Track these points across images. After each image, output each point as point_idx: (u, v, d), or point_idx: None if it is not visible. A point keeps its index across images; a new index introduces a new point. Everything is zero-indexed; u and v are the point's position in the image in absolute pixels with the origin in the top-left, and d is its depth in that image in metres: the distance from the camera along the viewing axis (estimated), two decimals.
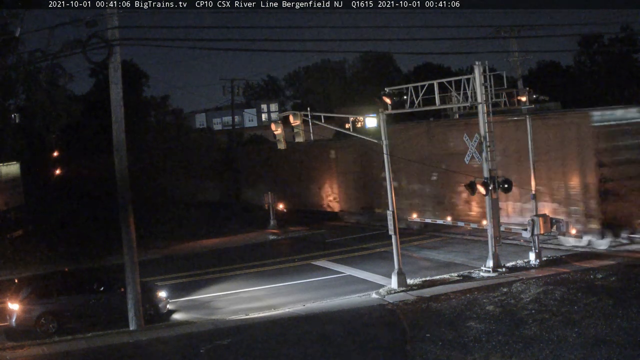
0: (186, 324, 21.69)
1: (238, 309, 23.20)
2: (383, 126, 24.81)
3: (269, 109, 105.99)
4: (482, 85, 24.91)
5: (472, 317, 19.13)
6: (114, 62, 20.84)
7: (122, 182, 21.31)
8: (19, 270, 32.38)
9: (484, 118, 25.03)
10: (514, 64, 43.08)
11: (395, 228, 24.40)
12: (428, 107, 26.51)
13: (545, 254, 26.72)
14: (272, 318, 21.38)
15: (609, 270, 23.19)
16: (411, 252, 30.81)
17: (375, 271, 27.27)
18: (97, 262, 32.98)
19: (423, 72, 69.08)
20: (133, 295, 21.15)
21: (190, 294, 26.05)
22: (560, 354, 15.47)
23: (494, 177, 24.96)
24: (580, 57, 61.65)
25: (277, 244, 37.97)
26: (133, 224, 21.40)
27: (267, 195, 42.03)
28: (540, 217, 25.99)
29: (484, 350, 16.21)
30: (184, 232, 40.88)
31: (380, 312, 21.16)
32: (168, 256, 35.40)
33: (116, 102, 21.09)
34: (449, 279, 24.89)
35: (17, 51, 29.23)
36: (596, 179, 27.25)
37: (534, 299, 20.21)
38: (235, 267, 30.98)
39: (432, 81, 25.72)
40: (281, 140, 25.60)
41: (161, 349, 18.90)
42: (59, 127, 44.35)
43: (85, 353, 18.96)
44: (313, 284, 26.48)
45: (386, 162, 24.93)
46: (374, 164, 37.28)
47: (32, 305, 21.66)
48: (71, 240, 38.48)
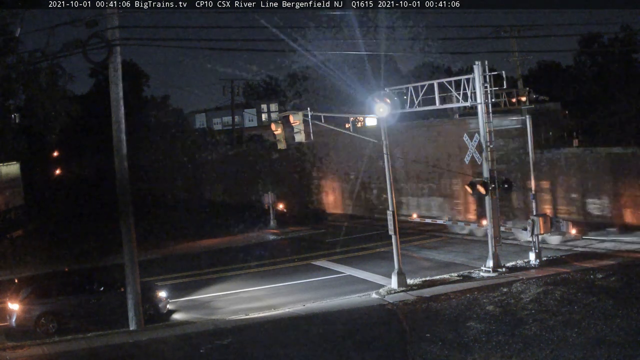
0: (186, 324, 21.69)
1: (238, 309, 23.20)
2: (383, 126, 24.81)
3: (269, 109, 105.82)
4: (482, 85, 24.90)
5: (472, 317, 19.13)
6: (114, 62, 20.84)
7: (122, 182, 21.29)
8: (19, 270, 32.38)
9: (484, 118, 25.03)
10: (514, 64, 43.06)
11: (396, 228, 24.40)
12: (428, 107, 26.51)
13: (545, 254, 26.75)
14: (272, 318, 21.38)
15: (609, 270, 23.20)
16: (411, 252, 30.82)
17: (375, 271, 27.27)
18: (97, 262, 32.99)
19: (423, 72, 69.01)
20: (133, 295, 21.14)
21: (190, 294, 26.04)
22: (560, 354, 15.47)
23: (494, 177, 24.96)
24: (580, 57, 61.56)
25: (277, 244, 37.97)
26: (133, 223, 21.39)
27: (267, 195, 42.01)
28: (540, 217, 26.01)
29: (484, 350, 16.20)
30: (184, 232, 40.89)
31: (380, 312, 21.15)
32: (168, 256, 35.40)
33: (116, 102, 21.08)
34: (449, 279, 24.89)
35: (17, 51, 29.18)
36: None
37: (534, 299, 20.21)
38: (235, 267, 30.97)
39: (432, 81, 25.72)
40: (281, 140, 25.60)
41: (161, 349, 18.89)
42: (59, 127, 44.29)
43: (85, 353, 18.94)
44: (313, 284, 26.48)
45: (386, 162, 24.92)
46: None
47: (32, 305, 21.66)
48: (71, 240, 38.51)
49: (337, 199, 48.25)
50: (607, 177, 33.12)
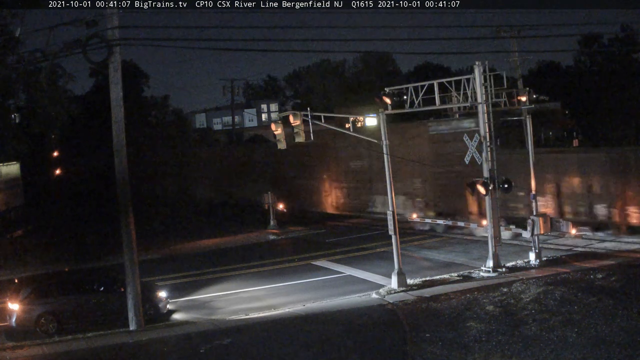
0: (186, 324, 21.68)
1: (238, 309, 23.19)
2: (383, 126, 24.80)
3: (269, 109, 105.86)
4: (482, 85, 24.90)
5: (472, 317, 19.13)
6: (114, 62, 20.83)
7: (122, 182, 21.28)
8: (19, 270, 32.37)
9: (484, 118, 25.03)
10: (514, 64, 43.02)
11: (395, 228, 24.39)
12: (428, 107, 26.52)
13: (545, 254, 26.75)
14: (272, 318, 21.37)
15: (609, 270, 23.20)
16: (411, 252, 30.81)
17: (375, 271, 27.26)
18: (97, 262, 32.99)
19: (423, 72, 69.12)
20: (133, 295, 21.13)
21: (190, 294, 26.03)
22: (560, 354, 15.48)
23: (494, 177, 24.96)
24: (580, 57, 61.59)
25: (277, 244, 37.96)
26: (133, 223, 21.38)
27: (267, 195, 42.00)
28: (540, 217, 26.00)
29: (484, 350, 16.20)
30: (184, 232, 40.89)
31: (380, 312, 21.15)
32: (168, 256, 35.38)
33: (116, 102, 21.07)
34: (449, 279, 24.89)
35: (17, 51, 29.20)
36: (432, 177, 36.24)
37: (534, 299, 20.21)
38: (235, 267, 30.96)
39: (432, 81, 25.73)
40: (281, 140, 25.59)
41: (161, 349, 18.88)
42: (59, 127, 44.34)
43: (85, 353, 18.96)
44: (313, 284, 26.47)
45: (386, 162, 24.92)
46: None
47: (32, 305, 21.63)
48: (71, 240, 38.52)
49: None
50: (549, 176, 33.75)
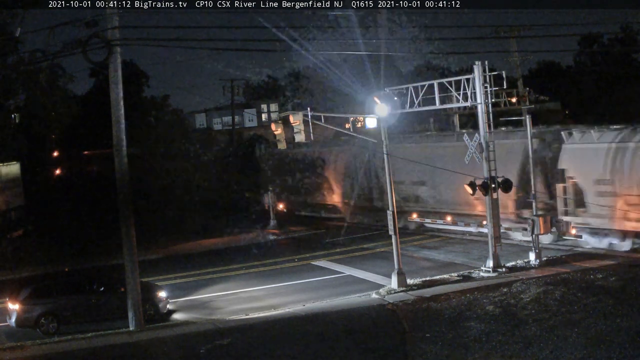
0: (186, 324, 21.68)
1: (238, 309, 23.19)
2: (383, 127, 24.80)
3: (269, 109, 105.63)
4: (482, 85, 24.89)
5: (472, 317, 19.13)
6: (114, 62, 20.82)
7: (122, 182, 21.28)
8: (19, 270, 32.37)
9: (484, 118, 25.03)
10: (513, 64, 43.09)
11: (395, 228, 24.39)
12: (428, 107, 26.52)
13: (546, 254, 26.74)
14: (272, 318, 21.37)
15: (609, 270, 23.20)
16: (411, 252, 30.80)
17: (375, 271, 27.26)
18: (97, 262, 32.97)
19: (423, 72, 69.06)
20: (133, 295, 21.12)
21: (190, 294, 26.04)
22: (560, 354, 15.47)
23: (494, 177, 24.96)
24: (580, 57, 61.63)
25: (277, 244, 37.97)
26: (133, 224, 21.38)
27: (267, 195, 41.99)
28: (540, 217, 25.99)
29: (484, 350, 16.20)
30: (184, 232, 40.85)
31: (380, 312, 21.15)
32: (168, 256, 35.39)
33: (116, 102, 21.06)
34: (449, 279, 24.88)
35: (17, 51, 29.24)
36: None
37: (534, 299, 20.21)
38: (235, 267, 30.96)
39: (432, 81, 25.73)
40: (281, 140, 25.61)
41: (161, 349, 18.88)
42: (59, 127, 44.34)
43: (85, 353, 18.96)
44: (313, 284, 26.47)
45: (386, 162, 24.92)
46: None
47: (32, 305, 21.63)
48: (71, 240, 38.44)
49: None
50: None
